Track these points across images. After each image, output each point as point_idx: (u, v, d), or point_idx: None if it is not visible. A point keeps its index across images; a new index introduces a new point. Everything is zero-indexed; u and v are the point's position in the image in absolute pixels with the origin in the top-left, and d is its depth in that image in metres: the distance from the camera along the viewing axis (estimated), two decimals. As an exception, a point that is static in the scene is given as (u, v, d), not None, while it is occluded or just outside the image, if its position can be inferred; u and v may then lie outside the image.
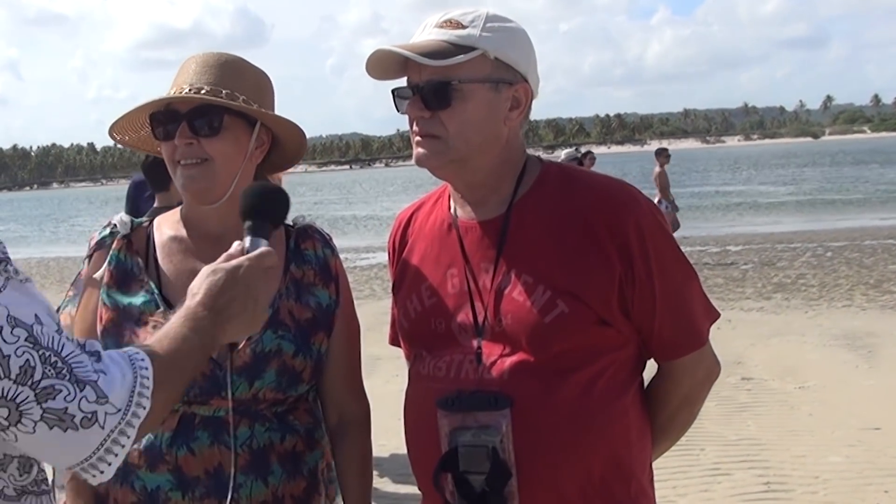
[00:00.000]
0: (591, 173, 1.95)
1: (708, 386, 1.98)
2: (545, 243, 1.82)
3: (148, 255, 2.08)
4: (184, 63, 2.05)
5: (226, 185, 1.99)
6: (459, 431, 1.76)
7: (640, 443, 1.88)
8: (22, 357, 1.25)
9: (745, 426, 6.42)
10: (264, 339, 1.94)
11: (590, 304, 1.77)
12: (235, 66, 2.02)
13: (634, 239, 1.78)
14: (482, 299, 1.84)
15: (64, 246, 29.73)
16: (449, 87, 1.78)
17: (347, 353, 2.08)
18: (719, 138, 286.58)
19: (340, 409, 2.08)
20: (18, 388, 1.25)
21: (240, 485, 1.92)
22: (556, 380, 1.77)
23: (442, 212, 1.98)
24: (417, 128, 1.83)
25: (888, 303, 10.90)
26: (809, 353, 8.49)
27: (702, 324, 1.90)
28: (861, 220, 22.40)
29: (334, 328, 2.04)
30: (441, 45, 1.78)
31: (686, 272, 1.88)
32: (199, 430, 1.94)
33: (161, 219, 2.15)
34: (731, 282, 13.11)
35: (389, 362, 6.25)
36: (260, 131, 2.02)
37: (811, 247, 16.82)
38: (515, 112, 1.85)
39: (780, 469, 5.55)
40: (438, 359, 1.88)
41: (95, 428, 1.31)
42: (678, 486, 5.27)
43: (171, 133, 1.95)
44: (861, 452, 5.74)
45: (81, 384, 1.29)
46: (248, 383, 1.93)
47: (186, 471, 1.92)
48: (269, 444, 1.95)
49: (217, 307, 1.55)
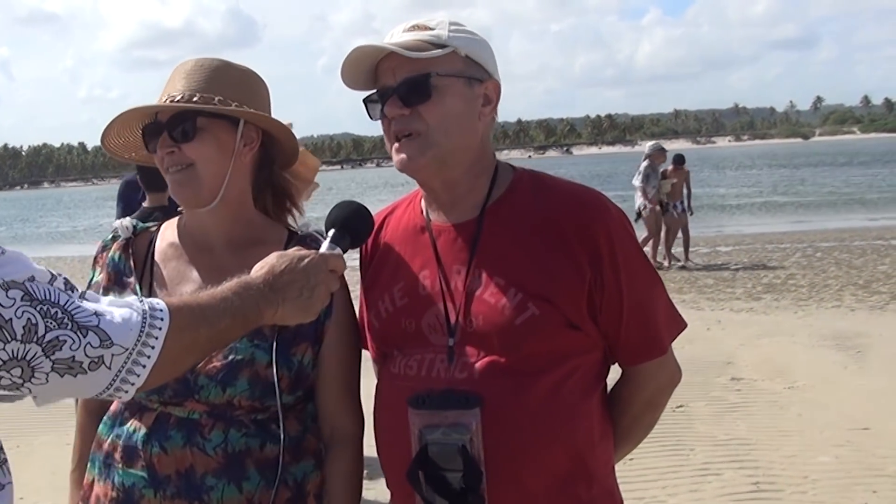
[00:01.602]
0: (563, 180, 1.98)
1: (669, 391, 2.03)
2: (517, 247, 1.85)
3: (146, 260, 2.10)
4: (171, 73, 2.07)
5: (214, 186, 2.00)
6: (429, 429, 1.78)
7: (603, 444, 1.92)
8: (23, 317, 1.30)
9: (734, 426, 6.44)
10: (238, 346, 1.94)
11: (560, 307, 1.80)
12: (214, 69, 2.04)
13: (604, 246, 1.82)
14: (454, 300, 1.87)
15: (20, 247, 29.51)
16: (428, 80, 1.82)
17: (339, 366, 2.04)
18: (710, 139, 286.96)
19: (332, 423, 2.05)
20: (26, 347, 1.30)
21: (210, 487, 1.92)
22: (526, 380, 1.80)
23: (414, 215, 2.01)
24: (396, 128, 1.87)
25: (877, 303, 10.94)
26: (799, 354, 8.51)
27: (664, 332, 1.94)
28: (850, 220, 22.48)
29: (324, 340, 2.02)
30: (417, 42, 1.84)
31: (652, 280, 1.93)
32: (172, 430, 1.94)
33: (167, 224, 2.18)
34: (721, 282, 13.15)
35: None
36: (248, 129, 2.04)
37: (801, 247, 16.88)
38: (487, 108, 1.91)
39: (769, 469, 5.57)
40: (409, 357, 1.90)
41: (102, 369, 1.37)
42: (668, 486, 5.29)
43: (156, 144, 2.01)
44: (850, 452, 5.77)
45: (84, 330, 1.35)
46: (221, 389, 1.93)
47: (159, 469, 1.93)
48: (246, 450, 1.94)
49: (274, 285, 1.67)
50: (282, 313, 1.69)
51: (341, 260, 1.82)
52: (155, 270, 2.08)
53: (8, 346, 1.29)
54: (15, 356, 1.29)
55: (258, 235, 2.09)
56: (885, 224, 20.68)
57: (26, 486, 5.11)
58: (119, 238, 2.13)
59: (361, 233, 1.92)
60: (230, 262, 1.98)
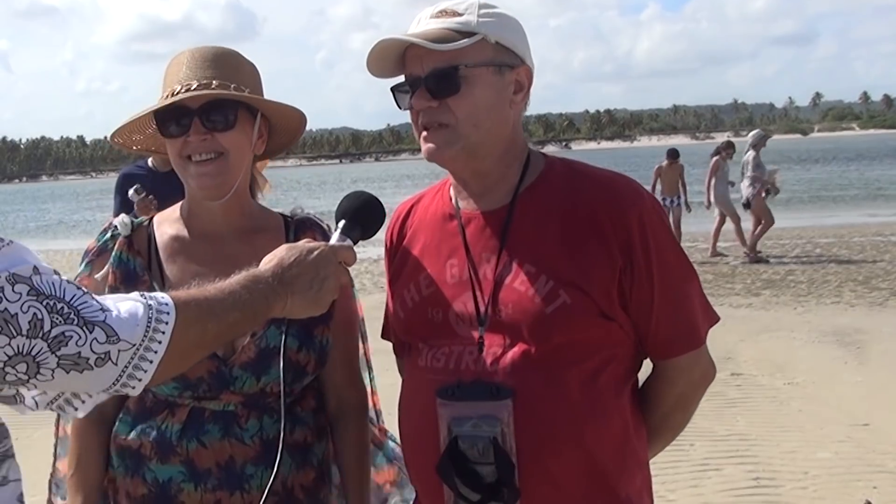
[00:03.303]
0: (596, 168, 1.93)
1: (703, 389, 1.96)
2: (548, 234, 1.81)
3: (150, 255, 2.08)
4: (175, 59, 2.03)
5: (236, 178, 2.01)
6: (459, 422, 1.75)
7: (639, 440, 1.87)
8: (28, 312, 1.28)
9: (734, 422, 6.44)
10: (268, 334, 1.97)
11: (592, 295, 1.76)
12: (233, 59, 2.03)
13: (636, 233, 1.78)
14: (482, 289, 1.82)
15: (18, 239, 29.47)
16: (456, 72, 1.77)
17: (345, 340, 2.11)
18: (709, 134, 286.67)
19: (339, 396, 2.11)
20: (32, 342, 1.28)
21: (250, 476, 1.95)
22: (558, 372, 1.76)
23: (443, 203, 1.96)
24: (424, 119, 1.82)
25: (876, 299, 10.93)
26: (799, 350, 8.51)
27: (700, 324, 1.88)
28: (850, 216, 22.47)
29: (333, 317, 2.04)
30: (443, 32, 1.78)
31: (686, 271, 1.88)
32: (209, 424, 1.96)
33: (161, 217, 2.15)
34: (720, 278, 13.14)
35: (380, 356, 6.22)
36: (262, 122, 2.04)
37: (800, 243, 16.86)
38: (519, 95, 1.85)
39: (769, 464, 5.56)
40: (437, 350, 1.86)
41: (109, 365, 1.35)
42: (668, 482, 5.28)
43: (185, 129, 1.95)
44: (850, 448, 5.77)
45: (90, 325, 1.33)
46: (255, 378, 1.96)
47: (198, 463, 1.95)
48: (278, 434, 1.94)
49: (283, 278, 1.65)
50: (291, 306, 1.67)
51: (351, 252, 1.79)
52: (163, 266, 2.07)
53: (13, 342, 1.27)
54: (20, 352, 1.28)
55: (258, 223, 2.11)
56: (884, 220, 20.67)
57: (25, 480, 5.09)
58: (119, 236, 2.10)
59: (372, 224, 1.87)
60: (240, 251, 1.99)
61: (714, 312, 1.93)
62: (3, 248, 1.31)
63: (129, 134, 2.10)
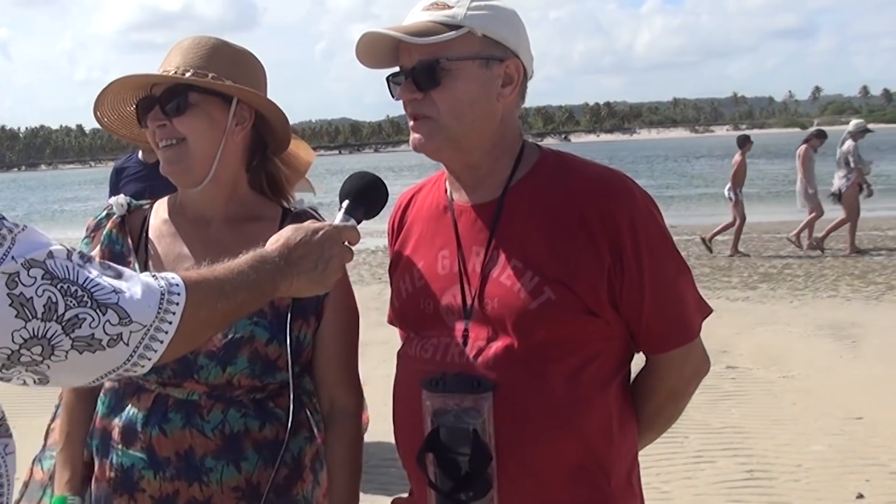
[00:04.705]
0: (589, 162, 1.93)
1: (695, 382, 1.97)
2: (537, 229, 1.82)
3: (140, 237, 2.10)
4: (170, 49, 2.07)
5: (205, 165, 2.00)
6: (442, 412, 1.77)
7: (623, 437, 1.87)
8: (43, 296, 1.30)
9: (729, 414, 6.47)
10: (237, 324, 1.94)
11: (577, 292, 1.76)
12: (211, 47, 2.03)
13: (626, 230, 1.78)
14: (470, 282, 1.84)
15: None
16: (437, 65, 1.78)
17: (339, 341, 2.07)
18: (708, 128, 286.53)
19: (331, 397, 2.08)
20: (47, 325, 1.31)
21: (209, 469, 1.93)
22: (540, 367, 1.77)
23: (439, 194, 1.98)
24: (411, 110, 1.84)
25: (873, 293, 10.96)
26: (794, 343, 8.54)
27: (693, 318, 1.89)
28: (847, 211, 22.42)
29: (324, 316, 2.04)
30: (428, 25, 1.79)
31: (678, 266, 1.87)
32: (171, 412, 1.95)
33: (161, 202, 2.18)
34: (717, 271, 13.16)
35: (377, 347, 6.26)
36: (241, 109, 2.03)
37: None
38: (508, 88, 1.84)
39: (763, 457, 5.59)
40: (426, 340, 1.88)
41: (121, 346, 1.38)
42: (662, 473, 5.31)
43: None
44: (844, 442, 5.80)
45: (103, 308, 1.35)
46: (221, 368, 1.94)
47: (158, 451, 1.94)
48: (245, 431, 1.96)
49: (289, 258, 1.68)
50: (297, 286, 1.70)
51: (355, 232, 1.80)
52: (150, 247, 2.08)
53: (29, 325, 1.29)
54: (36, 334, 1.30)
55: (253, 212, 2.11)
56: (880, 215, 20.68)
57: (22, 467, 5.10)
58: (114, 215, 2.13)
59: (376, 204, 1.88)
60: (227, 237, 2.01)
61: (707, 305, 1.94)
62: (18, 233, 1.33)
63: (111, 118, 2.13)
